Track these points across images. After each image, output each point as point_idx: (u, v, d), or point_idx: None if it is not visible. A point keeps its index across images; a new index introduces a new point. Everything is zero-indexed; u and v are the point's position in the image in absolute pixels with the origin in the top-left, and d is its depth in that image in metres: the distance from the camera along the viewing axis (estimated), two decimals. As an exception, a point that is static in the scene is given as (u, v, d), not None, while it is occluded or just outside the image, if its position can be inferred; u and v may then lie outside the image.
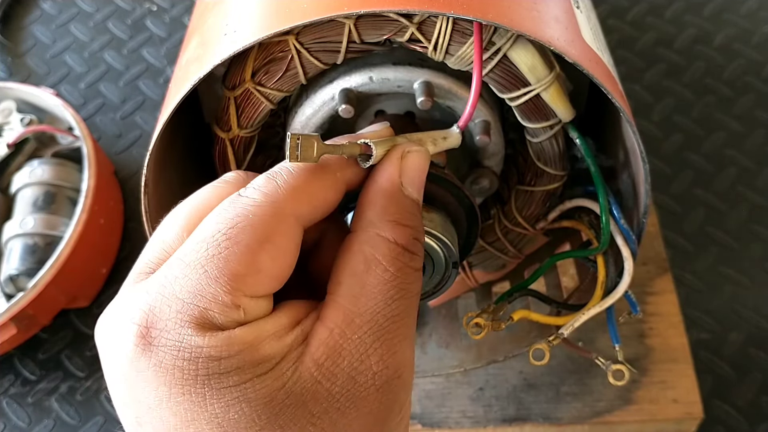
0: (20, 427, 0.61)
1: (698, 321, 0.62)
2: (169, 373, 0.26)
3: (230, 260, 0.27)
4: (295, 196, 0.29)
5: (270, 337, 0.27)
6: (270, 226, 0.28)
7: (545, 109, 0.41)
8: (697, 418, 0.55)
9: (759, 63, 0.77)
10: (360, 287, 0.28)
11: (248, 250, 0.27)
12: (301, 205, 0.29)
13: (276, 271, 0.28)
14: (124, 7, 0.86)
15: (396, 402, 0.28)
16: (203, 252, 0.27)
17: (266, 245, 0.27)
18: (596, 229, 0.46)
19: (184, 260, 0.27)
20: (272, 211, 0.28)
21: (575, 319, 0.44)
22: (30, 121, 0.69)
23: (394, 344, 0.28)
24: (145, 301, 0.27)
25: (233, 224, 0.27)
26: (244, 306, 0.27)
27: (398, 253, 0.29)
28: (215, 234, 0.27)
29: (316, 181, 0.30)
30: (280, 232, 0.28)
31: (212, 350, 0.26)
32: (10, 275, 0.62)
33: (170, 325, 0.26)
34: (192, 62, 0.39)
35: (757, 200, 0.69)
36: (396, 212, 0.30)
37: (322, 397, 0.27)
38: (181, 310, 0.26)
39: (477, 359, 0.51)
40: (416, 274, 0.30)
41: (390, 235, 0.30)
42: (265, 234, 0.27)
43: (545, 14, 0.38)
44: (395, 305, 0.29)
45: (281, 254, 0.28)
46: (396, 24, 0.37)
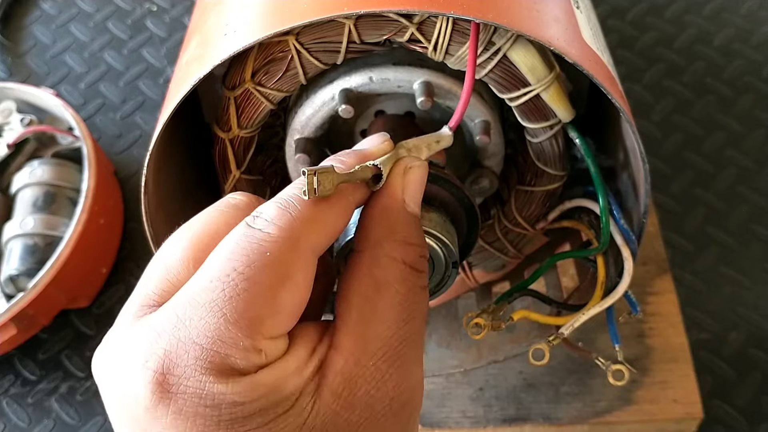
0: (20, 427, 0.61)
1: (698, 321, 0.62)
2: (190, 420, 0.25)
3: (250, 303, 0.26)
4: (310, 228, 0.28)
5: (292, 373, 0.27)
6: (288, 262, 0.26)
7: (545, 109, 0.41)
8: (697, 418, 0.55)
9: (759, 63, 0.77)
10: (371, 311, 0.28)
11: (268, 291, 0.26)
12: (317, 236, 0.28)
13: (295, 309, 0.27)
14: (124, 7, 0.86)
15: (409, 423, 0.29)
16: (219, 293, 0.26)
17: (286, 283, 0.26)
18: (596, 229, 0.46)
19: (197, 300, 0.26)
20: (289, 247, 0.27)
21: (575, 319, 0.44)
22: (30, 121, 0.69)
23: (408, 367, 0.28)
24: (158, 344, 0.26)
25: (250, 262, 0.26)
26: (264, 349, 0.26)
27: (408, 274, 0.29)
28: (230, 273, 0.26)
29: (330, 209, 0.29)
30: (298, 269, 0.27)
31: (235, 396, 0.25)
32: (10, 275, 0.62)
33: (189, 371, 0.25)
34: (192, 62, 0.39)
35: (757, 200, 0.69)
36: (402, 231, 0.30)
37: (342, 428, 0.26)
38: (200, 356, 0.25)
39: (477, 359, 0.51)
40: (424, 293, 0.30)
41: (399, 255, 0.29)
42: (284, 272, 0.26)
43: (545, 14, 0.38)
44: (407, 328, 0.28)
45: (299, 291, 0.27)
46: (396, 24, 0.37)
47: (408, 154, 0.35)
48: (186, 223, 0.30)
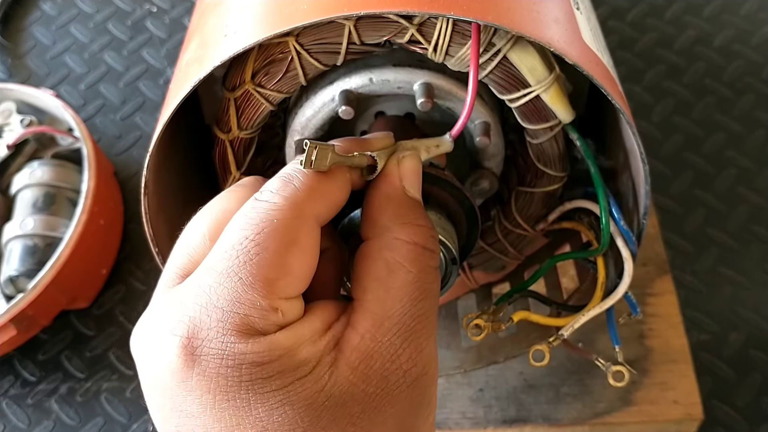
0: (20, 428, 0.61)
1: (698, 322, 0.62)
2: (213, 381, 0.27)
3: (262, 266, 0.27)
4: (312, 196, 0.30)
5: (307, 341, 0.28)
6: (294, 228, 0.29)
7: (545, 110, 0.41)
8: (697, 419, 0.55)
9: (759, 64, 0.77)
10: (385, 291, 0.30)
11: (277, 254, 0.28)
12: (318, 205, 0.30)
13: (304, 271, 0.29)
14: (124, 9, 0.86)
15: (425, 396, 0.30)
16: (234, 260, 0.28)
17: (293, 248, 0.28)
18: (596, 231, 0.46)
19: (215, 269, 0.28)
20: (294, 214, 0.29)
21: (575, 321, 0.44)
22: (30, 122, 0.69)
23: (421, 343, 0.29)
24: (183, 312, 0.28)
25: (259, 230, 0.28)
26: (280, 308, 0.28)
27: (418, 254, 0.30)
28: (242, 241, 0.28)
29: (329, 181, 0.31)
30: (303, 234, 0.29)
31: (255, 356, 0.27)
32: (10, 276, 0.62)
33: (212, 334, 0.27)
34: (192, 63, 0.39)
35: (757, 201, 0.69)
36: (407, 214, 0.32)
37: (359, 398, 0.28)
38: (222, 318, 0.27)
39: (477, 360, 0.51)
40: (436, 273, 0.31)
41: (407, 236, 0.31)
42: (290, 237, 0.28)
43: (545, 15, 0.38)
44: (420, 305, 0.30)
45: (306, 255, 0.29)
46: (396, 25, 0.37)
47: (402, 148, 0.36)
48: (203, 207, 0.32)
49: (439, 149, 0.38)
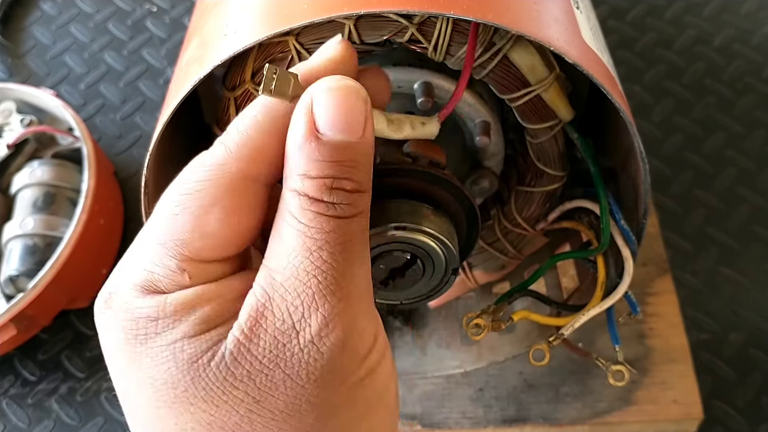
0: (20, 427, 0.61)
1: (698, 322, 0.62)
2: (113, 333, 0.28)
3: (176, 226, 0.28)
4: (244, 154, 0.28)
5: (210, 300, 0.27)
6: (215, 190, 0.28)
7: (545, 109, 0.41)
8: (697, 419, 0.55)
9: (759, 64, 0.77)
10: (280, 244, 0.27)
11: (193, 215, 0.27)
12: (250, 164, 0.28)
13: (228, 235, 0.28)
14: (124, 8, 0.86)
15: (333, 363, 0.26)
16: (159, 221, 0.28)
17: (213, 209, 0.27)
18: (596, 230, 0.46)
19: (144, 232, 0.29)
20: (219, 175, 0.28)
21: (575, 320, 0.44)
22: (30, 121, 0.69)
23: (318, 299, 0.26)
24: (115, 272, 0.29)
25: (185, 191, 0.28)
26: (189, 270, 0.27)
27: (309, 204, 0.27)
28: (169, 203, 0.28)
29: (264, 134, 0.28)
30: (228, 194, 0.28)
31: (150, 311, 0.27)
32: (10, 276, 0.62)
33: (122, 289, 0.28)
34: (192, 63, 0.39)
35: (757, 201, 0.69)
36: (303, 165, 0.27)
37: (245, 360, 0.26)
38: (133, 275, 0.28)
39: (477, 360, 0.51)
40: (340, 222, 0.27)
41: (298, 187, 0.27)
42: (212, 198, 0.28)
43: (545, 15, 0.38)
44: (314, 257, 0.26)
45: (232, 217, 0.28)
46: (396, 24, 0.37)
47: (388, 124, 0.34)
48: None
49: (424, 127, 0.36)
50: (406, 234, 0.37)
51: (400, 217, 0.37)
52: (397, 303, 0.41)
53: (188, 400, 0.26)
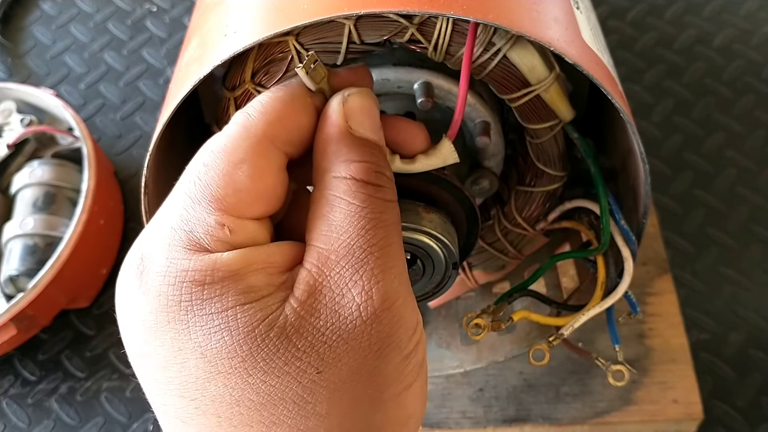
0: (20, 427, 0.61)
1: (698, 321, 0.62)
2: (155, 300, 0.26)
3: (208, 183, 0.28)
4: (266, 119, 0.29)
5: (259, 269, 0.27)
6: (242, 148, 0.28)
7: (545, 109, 0.41)
8: (697, 419, 0.55)
9: (759, 64, 0.77)
10: (328, 226, 0.28)
11: (223, 172, 0.28)
12: (273, 127, 0.29)
13: (258, 190, 0.28)
14: (124, 8, 0.86)
15: (392, 337, 0.27)
16: (187, 183, 0.28)
17: (241, 165, 0.28)
18: (596, 230, 0.46)
19: (171, 195, 0.29)
20: (244, 136, 0.29)
21: (575, 320, 0.44)
22: (30, 121, 0.69)
23: (376, 275, 0.27)
24: (141, 239, 0.29)
25: (211, 154, 0.29)
26: (229, 225, 0.27)
27: (359, 186, 0.29)
28: (196, 165, 0.29)
29: (286, 105, 0.30)
30: (254, 153, 0.29)
31: (197, 274, 0.26)
32: (10, 276, 0.62)
33: (159, 251, 0.27)
34: (192, 63, 0.39)
35: (756, 201, 0.69)
36: (347, 153, 0.30)
37: (306, 332, 0.26)
38: (169, 235, 0.27)
39: (477, 360, 0.51)
40: (387, 204, 0.29)
41: (345, 173, 0.29)
42: (238, 156, 0.28)
43: (545, 15, 0.38)
44: (369, 235, 0.28)
45: (259, 173, 0.28)
46: (396, 25, 0.37)
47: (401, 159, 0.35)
48: None
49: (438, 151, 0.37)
50: (406, 234, 0.37)
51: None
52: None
53: (246, 370, 0.26)
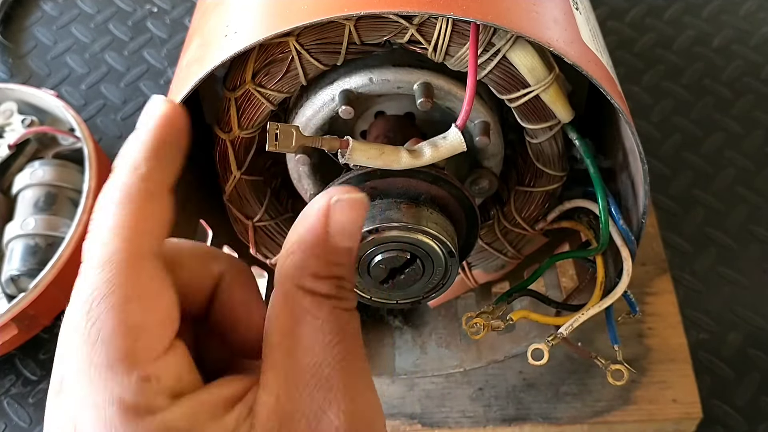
0: (21, 427, 0.61)
1: (697, 321, 0.62)
2: None
3: (109, 343, 0.24)
4: (120, 237, 0.26)
5: (210, 415, 0.25)
6: (117, 287, 0.25)
7: (544, 110, 0.41)
8: (696, 418, 0.55)
9: (758, 64, 0.77)
10: (293, 343, 0.26)
11: (119, 323, 0.24)
12: (131, 243, 0.26)
13: (159, 318, 0.26)
14: (125, 9, 0.87)
15: None
16: (82, 349, 0.25)
17: (131, 305, 0.25)
18: (595, 230, 0.46)
19: (73, 367, 0.25)
20: (110, 273, 0.25)
21: (574, 319, 0.44)
22: (31, 122, 0.69)
23: (349, 390, 0.26)
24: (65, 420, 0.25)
25: (89, 305, 0.25)
26: (152, 373, 0.25)
27: (324, 300, 0.27)
28: (79, 324, 0.25)
29: (133, 209, 0.26)
30: (131, 284, 0.25)
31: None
32: (12, 276, 0.62)
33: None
34: (193, 63, 0.39)
35: (756, 201, 0.69)
36: (316, 266, 0.28)
37: None
38: (99, 415, 0.24)
39: (477, 359, 0.51)
40: (349, 314, 0.28)
41: (311, 286, 0.27)
42: (123, 296, 0.25)
43: (544, 15, 0.38)
44: (336, 350, 0.26)
45: (151, 301, 0.26)
46: (396, 25, 0.38)
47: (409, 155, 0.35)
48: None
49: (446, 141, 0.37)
50: (406, 234, 0.37)
51: (400, 217, 0.37)
52: (394, 303, 0.41)
53: None
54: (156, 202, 0.27)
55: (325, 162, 0.43)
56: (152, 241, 0.27)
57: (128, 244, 0.26)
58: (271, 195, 0.48)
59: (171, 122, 0.28)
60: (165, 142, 0.28)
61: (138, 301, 0.25)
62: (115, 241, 0.25)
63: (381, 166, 0.37)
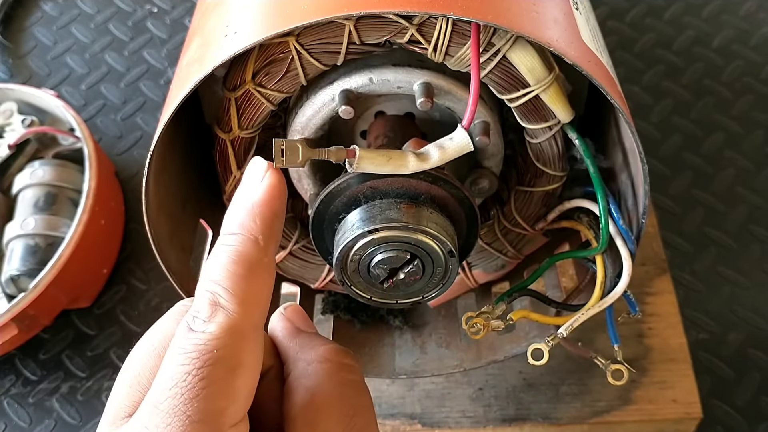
0: (21, 427, 0.61)
1: (697, 321, 0.62)
2: None
3: (209, 400, 0.26)
4: (247, 311, 0.28)
5: None
6: (236, 352, 0.27)
7: (544, 110, 0.41)
8: (696, 418, 0.55)
9: (757, 64, 0.77)
10: (314, 414, 0.29)
11: (225, 384, 0.27)
12: (254, 315, 0.28)
13: (250, 388, 0.28)
14: (125, 9, 0.87)
15: None
16: (180, 398, 0.26)
17: (238, 371, 0.27)
18: (595, 230, 0.46)
19: (161, 408, 0.26)
20: (232, 339, 0.27)
21: (574, 319, 0.44)
22: (31, 122, 0.69)
23: None
24: None
25: (201, 363, 0.26)
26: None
27: (334, 369, 0.30)
28: (185, 377, 0.26)
29: (256, 281, 0.29)
30: (245, 353, 0.27)
31: None
32: (12, 276, 0.62)
33: None
34: (193, 63, 0.39)
35: (755, 201, 0.69)
36: (309, 342, 0.31)
37: None
38: None
39: (477, 359, 0.51)
40: (361, 388, 0.31)
41: (318, 357, 0.30)
42: (234, 362, 0.27)
43: (544, 15, 0.38)
44: (354, 422, 0.29)
45: (251, 371, 0.28)
46: (396, 25, 0.38)
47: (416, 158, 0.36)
48: (145, 334, 0.31)
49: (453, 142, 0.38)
50: (406, 234, 0.37)
51: (400, 217, 0.37)
52: (394, 303, 0.41)
53: None
54: (271, 277, 0.30)
55: (325, 162, 0.43)
56: (264, 313, 0.29)
57: (250, 317, 0.28)
58: (271, 195, 0.48)
59: (281, 195, 0.30)
60: (278, 215, 0.30)
61: (246, 371, 0.27)
62: (240, 312, 0.28)
63: (389, 172, 0.37)
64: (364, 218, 0.38)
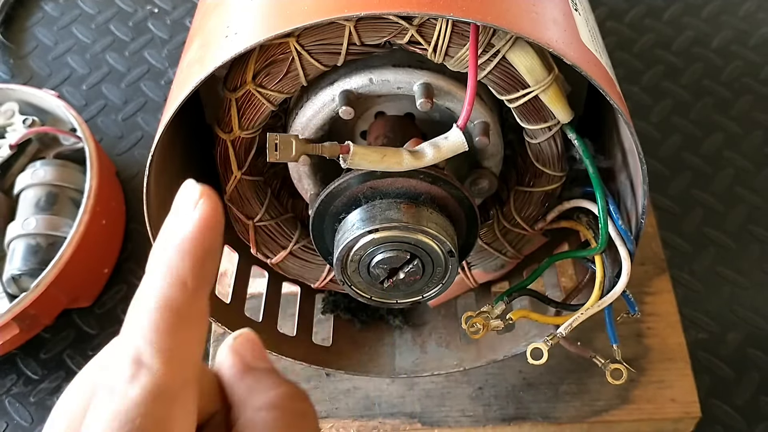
0: (23, 426, 0.62)
1: (696, 321, 0.62)
2: None
3: None
4: (172, 367, 0.24)
5: None
6: (161, 421, 0.23)
7: (544, 110, 0.41)
8: (695, 418, 0.55)
9: (757, 64, 0.77)
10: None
11: None
12: (181, 373, 0.24)
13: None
14: (126, 9, 0.87)
15: None
16: None
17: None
18: (594, 230, 0.46)
19: None
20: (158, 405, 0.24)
21: (573, 319, 0.44)
22: (32, 122, 0.69)
23: None
24: None
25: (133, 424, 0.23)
26: None
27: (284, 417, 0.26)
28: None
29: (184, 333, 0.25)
30: (173, 420, 0.24)
31: None
32: (13, 275, 0.62)
33: None
34: (193, 64, 0.39)
35: (755, 201, 0.69)
36: (256, 386, 0.27)
37: None
38: None
39: (476, 358, 0.51)
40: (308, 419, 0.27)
41: (266, 403, 0.26)
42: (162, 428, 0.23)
43: (544, 16, 0.38)
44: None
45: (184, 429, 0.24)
46: (396, 26, 0.38)
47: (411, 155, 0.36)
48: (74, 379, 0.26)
49: (448, 141, 0.38)
50: (406, 234, 0.37)
51: (400, 217, 0.38)
52: (394, 303, 0.41)
53: None
54: (204, 324, 0.25)
55: (325, 162, 0.43)
56: (197, 366, 0.25)
57: (179, 374, 0.24)
58: (271, 195, 0.48)
59: (216, 227, 0.26)
60: (210, 252, 0.25)
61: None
62: (166, 371, 0.24)
63: (384, 169, 0.37)
64: (365, 218, 0.38)
